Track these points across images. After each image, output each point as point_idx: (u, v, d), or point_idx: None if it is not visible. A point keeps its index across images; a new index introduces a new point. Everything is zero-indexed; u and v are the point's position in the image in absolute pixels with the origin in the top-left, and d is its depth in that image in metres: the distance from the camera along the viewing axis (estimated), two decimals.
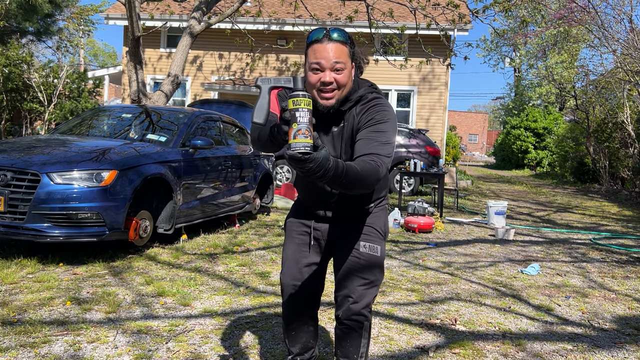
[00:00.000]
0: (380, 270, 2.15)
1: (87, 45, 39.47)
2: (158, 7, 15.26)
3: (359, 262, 2.10)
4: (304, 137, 1.53)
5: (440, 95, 15.46)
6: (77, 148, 4.80)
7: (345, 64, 1.90)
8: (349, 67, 1.93)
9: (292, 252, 2.21)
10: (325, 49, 1.88)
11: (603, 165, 16.11)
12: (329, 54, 1.87)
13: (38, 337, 2.87)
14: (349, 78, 1.93)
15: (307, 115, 1.56)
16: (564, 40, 18.81)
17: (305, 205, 2.24)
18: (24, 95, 13.75)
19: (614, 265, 5.57)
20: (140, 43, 8.42)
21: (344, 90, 1.93)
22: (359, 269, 2.10)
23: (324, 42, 1.88)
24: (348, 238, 2.14)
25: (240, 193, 6.55)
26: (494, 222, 7.59)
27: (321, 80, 1.88)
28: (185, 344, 2.91)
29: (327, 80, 1.87)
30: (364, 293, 2.09)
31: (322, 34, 1.90)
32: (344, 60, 1.90)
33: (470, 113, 60.17)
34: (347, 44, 1.91)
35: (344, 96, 1.95)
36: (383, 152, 1.86)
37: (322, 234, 2.20)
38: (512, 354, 3.03)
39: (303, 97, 1.56)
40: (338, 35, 1.90)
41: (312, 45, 1.90)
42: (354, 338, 2.12)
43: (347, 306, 2.09)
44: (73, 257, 4.59)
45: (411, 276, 4.65)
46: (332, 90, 1.90)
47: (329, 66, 1.88)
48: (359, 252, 2.11)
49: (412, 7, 9.83)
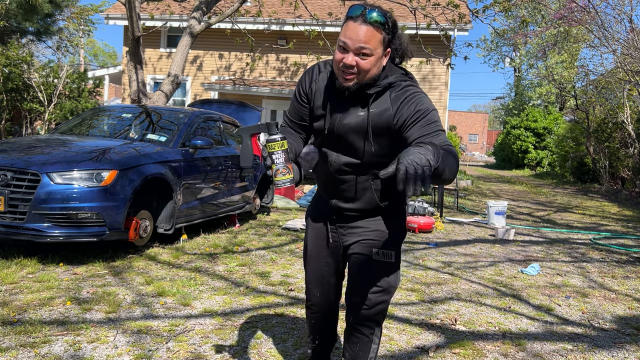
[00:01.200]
0: (395, 276, 2.06)
1: (87, 45, 39.47)
2: (158, 7, 15.26)
3: (373, 268, 2.03)
4: (282, 176, 1.80)
5: (441, 95, 15.46)
6: (77, 148, 4.80)
7: (373, 50, 1.78)
8: (378, 54, 1.80)
9: (314, 249, 2.20)
10: (355, 29, 1.76)
11: (603, 165, 16.11)
12: (358, 37, 1.75)
13: (38, 337, 2.87)
14: (374, 65, 1.81)
15: (283, 155, 1.78)
16: (564, 40, 18.81)
17: (323, 202, 2.17)
18: (24, 95, 13.76)
19: (614, 265, 5.57)
20: (140, 43, 8.42)
21: (366, 76, 1.82)
22: (372, 275, 2.03)
23: (357, 21, 1.76)
24: (362, 242, 2.05)
25: (240, 193, 6.55)
26: (494, 222, 7.59)
27: (343, 62, 1.80)
28: (185, 343, 2.91)
29: (347, 62, 1.79)
30: (376, 300, 2.03)
31: (359, 11, 1.77)
32: (373, 47, 1.78)
33: (470, 113, 60.18)
34: (382, 29, 1.78)
35: (366, 81, 1.83)
36: (447, 141, 1.74)
37: (338, 235, 2.12)
38: (512, 354, 3.03)
39: (274, 141, 1.77)
40: (374, 16, 1.76)
41: (347, 21, 1.79)
42: (364, 343, 2.08)
43: (358, 312, 2.05)
44: (73, 257, 4.59)
45: (411, 276, 4.66)
46: (352, 74, 1.81)
47: (354, 49, 1.77)
48: (372, 258, 2.03)
49: (412, 7, 9.83)
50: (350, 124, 1.91)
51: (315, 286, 2.21)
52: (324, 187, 2.13)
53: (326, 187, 2.11)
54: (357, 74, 1.81)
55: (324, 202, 2.15)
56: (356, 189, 2.01)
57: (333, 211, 2.11)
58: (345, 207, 2.07)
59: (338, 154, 2.00)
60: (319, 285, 2.20)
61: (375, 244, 2.03)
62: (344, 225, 2.09)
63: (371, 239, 2.04)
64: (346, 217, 2.09)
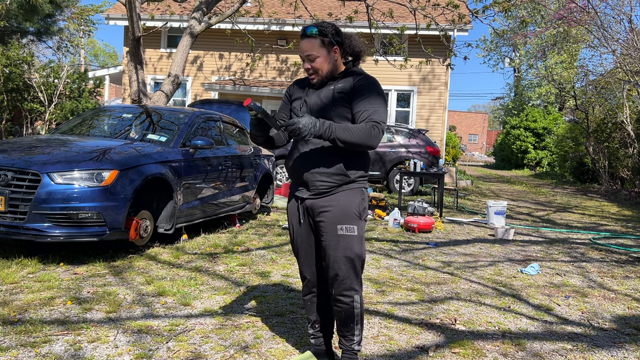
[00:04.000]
0: (359, 246, 2.45)
1: (88, 46, 39.46)
2: (158, 8, 15.26)
3: (339, 243, 2.42)
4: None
5: (440, 95, 15.47)
6: (78, 148, 4.80)
7: (316, 54, 2.43)
8: (324, 55, 2.44)
9: (293, 233, 2.65)
10: (302, 44, 2.46)
11: (602, 165, 16.12)
12: (303, 48, 2.45)
13: (38, 336, 2.88)
14: (324, 62, 2.46)
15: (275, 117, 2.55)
16: (564, 40, 18.82)
17: (294, 187, 2.62)
18: (25, 95, 13.76)
19: (613, 265, 5.58)
20: (140, 43, 8.42)
21: (323, 72, 2.47)
22: (341, 250, 2.42)
23: (302, 39, 2.46)
24: (326, 221, 2.45)
25: (241, 193, 6.56)
26: (493, 222, 7.60)
27: (304, 68, 2.50)
28: (185, 343, 2.92)
29: (305, 67, 2.49)
30: (349, 270, 2.43)
31: (301, 32, 2.47)
32: (315, 52, 2.43)
33: (470, 113, 60.18)
34: (317, 37, 2.42)
35: (325, 75, 2.48)
36: (378, 119, 2.38)
37: (309, 213, 2.54)
38: (511, 354, 3.04)
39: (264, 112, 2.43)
40: (308, 31, 2.43)
41: (300, 40, 2.49)
42: (347, 310, 2.47)
43: (337, 284, 2.45)
44: (73, 256, 4.59)
45: (411, 276, 4.66)
46: (311, 74, 2.49)
47: (304, 57, 2.47)
48: (338, 234, 2.42)
49: (412, 8, 9.84)
50: (321, 96, 2.52)
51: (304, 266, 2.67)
52: (290, 175, 2.60)
53: (290, 175, 2.59)
54: (315, 73, 2.48)
55: (294, 186, 2.61)
56: (323, 155, 2.45)
57: (302, 184, 2.53)
58: (314, 179, 2.46)
59: None
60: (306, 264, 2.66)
61: (338, 220, 2.43)
62: (313, 204, 2.49)
63: (332, 216, 2.43)
64: (314, 192, 2.48)
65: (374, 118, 2.38)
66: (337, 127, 2.33)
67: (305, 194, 2.51)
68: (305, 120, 2.28)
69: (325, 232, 2.45)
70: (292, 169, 2.57)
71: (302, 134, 2.26)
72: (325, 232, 2.45)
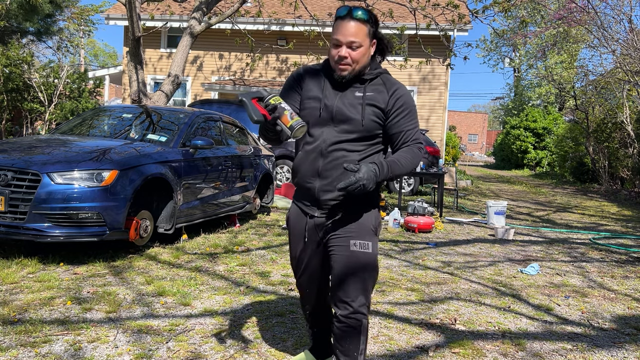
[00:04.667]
0: (373, 267, 2.19)
1: (88, 46, 39.46)
2: (158, 8, 15.26)
3: (352, 261, 2.15)
4: (297, 116, 2.03)
5: (440, 95, 15.47)
6: (78, 148, 4.80)
7: (361, 42, 2.08)
8: (366, 45, 2.10)
9: (295, 249, 2.40)
10: (345, 26, 2.08)
11: (602, 165, 16.12)
12: (348, 32, 2.07)
13: (38, 336, 2.88)
14: (363, 55, 2.11)
15: (287, 104, 2.04)
16: (564, 40, 18.82)
17: (300, 201, 2.32)
18: (25, 95, 13.76)
19: (613, 265, 5.58)
20: (140, 43, 8.42)
21: (358, 65, 2.11)
22: (353, 269, 2.14)
23: (345, 19, 2.08)
24: (340, 236, 2.18)
25: (241, 193, 6.56)
26: (493, 222, 7.60)
27: (338, 55, 2.10)
28: (185, 343, 2.92)
29: (341, 54, 2.09)
30: (360, 292, 2.15)
31: (345, 11, 2.09)
32: (360, 39, 2.08)
33: (470, 113, 60.18)
34: (367, 23, 2.09)
35: (358, 70, 2.13)
36: (420, 137, 2.18)
37: (317, 230, 2.26)
38: (511, 354, 3.04)
39: (275, 96, 2.04)
40: (359, 14, 2.07)
41: (337, 21, 2.10)
42: (354, 336, 2.16)
43: (345, 306, 2.15)
44: (73, 256, 4.59)
45: (411, 276, 4.66)
46: (347, 64, 2.10)
47: (345, 42, 2.08)
48: (351, 250, 2.15)
49: (412, 8, 9.84)
50: (345, 103, 2.17)
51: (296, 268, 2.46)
52: (305, 178, 2.23)
53: (308, 177, 2.22)
54: (350, 65, 2.11)
55: (301, 197, 2.31)
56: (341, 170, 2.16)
57: (314, 203, 2.24)
58: (327, 198, 2.19)
59: (330, 131, 2.18)
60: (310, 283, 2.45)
61: (352, 235, 2.17)
62: (324, 222, 2.24)
63: (347, 231, 2.18)
64: (327, 210, 2.23)
65: (417, 138, 2.15)
66: (393, 166, 2.07)
67: (315, 212, 2.23)
68: (367, 175, 1.97)
69: (336, 248, 2.18)
70: (303, 182, 2.23)
71: (367, 189, 1.98)
72: (337, 248, 2.18)
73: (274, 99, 2.02)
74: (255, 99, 2.06)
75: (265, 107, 2.02)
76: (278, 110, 1.99)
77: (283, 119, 1.99)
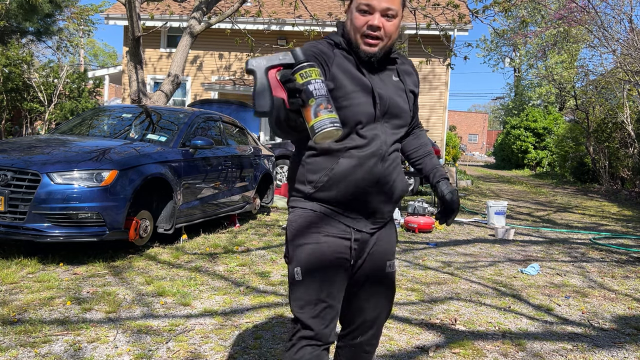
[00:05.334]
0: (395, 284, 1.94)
1: (87, 45, 39.45)
2: (158, 7, 15.26)
3: (386, 284, 1.85)
4: (328, 112, 1.32)
5: (440, 95, 15.46)
6: (78, 148, 4.80)
7: (397, 11, 1.65)
8: (400, 18, 1.67)
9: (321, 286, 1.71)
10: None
11: (603, 165, 16.11)
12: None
13: (38, 336, 2.88)
14: (397, 29, 1.68)
15: (323, 86, 1.34)
16: (564, 40, 18.81)
17: (339, 202, 1.71)
18: (24, 95, 13.76)
19: (613, 265, 5.57)
20: (140, 43, 8.42)
21: (390, 42, 1.67)
22: (387, 291, 1.85)
23: None
24: (376, 256, 1.80)
25: (241, 193, 6.55)
26: (493, 222, 7.59)
27: (369, 24, 1.62)
28: (185, 343, 2.91)
29: (375, 24, 1.61)
30: (388, 314, 1.90)
31: None
32: (397, 7, 1.64)
33: (470, 113, 60.17)
34: None
35: (388, 47, 1.69)
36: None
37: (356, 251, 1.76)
38: (512, 354, 3.03)
39: (310, 67, 1.34)
40: None
41: None
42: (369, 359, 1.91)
43: (371, 332, 1.86)
44: (73, 257, 4.59)
45: (411, 276, 4.66)
46: (377, 37, 1.63)
47: (380, 9, 1.62)
48: (386, 272, 1.83)
49: (412, 7, 9.83)
50: (389, 87, 1.73)
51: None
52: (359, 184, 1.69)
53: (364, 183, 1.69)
54: (382, 39, 1.64)
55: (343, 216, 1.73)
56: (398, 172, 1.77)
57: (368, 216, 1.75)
58: (388, 208, 1.78)
59: (384, 128, 1.72)
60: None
61: (387, 255, 1.83)
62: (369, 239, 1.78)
63: (384, 249, 1.82)
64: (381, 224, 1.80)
65: (420, 122, 1.99)
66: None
67: (367, 226, 1.75)
68: (455, 197, 1.84)
69: (372, 272, 1.80)
70: (357, 193, 1.69)
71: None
72: (373, 272, 1.80)
73: (303, 74, 1.34)
74: (274, 69, 1.38)
75: (284, 84, 1.35)
76: (306, 93, 1.34)
77: (307, 110, 1.34)
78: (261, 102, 1.33)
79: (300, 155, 1.74)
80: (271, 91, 1.33)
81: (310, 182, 1.70)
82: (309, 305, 1.68)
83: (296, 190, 1.76)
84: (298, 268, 1.69)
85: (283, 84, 1.35)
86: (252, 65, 1.36)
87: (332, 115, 1.32)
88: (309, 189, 1.71)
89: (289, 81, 1.36)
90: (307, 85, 1.32)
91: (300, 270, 1.69)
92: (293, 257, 1.72)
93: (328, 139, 1.35)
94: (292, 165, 1.79)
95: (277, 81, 1.35)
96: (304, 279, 1.69)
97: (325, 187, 1.69)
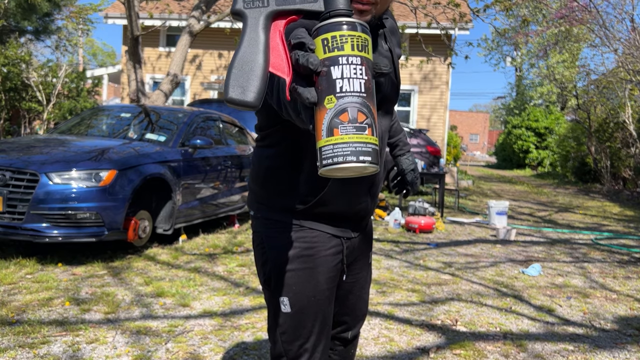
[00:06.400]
0: None
1: (86, 45, 39.43)
2: (157, 6, 15.24)
3: (370, 274, 1.72)
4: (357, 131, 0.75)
5: (441, 95, 15.44)
6: (76, 148, 4.78)
7: None
8: None
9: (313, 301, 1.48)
10: None
11: (604, 165, 16.09)
12: None
13: (37, 337, 2.86)
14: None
15: (364, 74, 0.78)
16: (565, 39, 18.78)
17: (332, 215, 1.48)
18: (23, 95, 13.73)
19: (615, 265, 5.55)
20: (139, 42, 8.39)
21: (382, 8, 1.33)
22: (368, 283, 1.72)
23: None
24: (364, 252, 1.66)
25: (240, 193, 6.53)
26: (495, 223, 7.57)
27: None
28: (184, 344, 2.89)
29: None
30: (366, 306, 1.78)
31: None
32: None
33: (471, 112, 60.15)
34: None
35: (379, 15, 1.35)
36: None
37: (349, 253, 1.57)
38: (513, 355, 3.01)
39: (351, 29, 0.78)
40: None
41: None
42: (355, 348, 1.81)
43: (360, 323, 1.76)
44: (72, 257, 4.57)
45: (412, 276, 4.64)
46: (369, 2, 1.27)
47: None
48: (369, 263, 1.69)
49: (413, 7, 9.81)
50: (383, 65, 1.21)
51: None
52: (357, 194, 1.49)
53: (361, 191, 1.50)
54: (374, 4, 1.29)
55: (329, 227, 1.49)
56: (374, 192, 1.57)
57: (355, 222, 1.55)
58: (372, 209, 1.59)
59: (381, 124, 1.49)
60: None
61: (369, 250, 1.70)
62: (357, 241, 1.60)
63: (369, 246, 1.68)
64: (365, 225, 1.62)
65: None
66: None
67: (355, 231, 1.55)
68: (415, 165, 1.74)
69: (359, 267, 1.63)
70: (353, 204, 1.48)
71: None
72: (360, 269, 1.64)
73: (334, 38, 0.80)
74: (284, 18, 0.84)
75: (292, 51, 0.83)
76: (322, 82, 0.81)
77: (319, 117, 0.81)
78: (242, 82, 0.74)
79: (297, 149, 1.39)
80: (267, 62, 0.76)
81: (302, 194, 1.42)
82: (297, 341, 1.46)
83: (275, 198, 1.46)
84: (286, 299, 1.44)
85: (291, 50, 0.79)
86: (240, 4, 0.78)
87: (364, 138, 0.76)
88: (297, 202, 1.42)
89: (300, 47, 0.82)
90: (331, 65, 0.75)
91: (288, 302, 1.44)
92: (278, 284, 1.44)
93: (345, 174, 0.82)
94: (270, 159, 1.44)
95: (282, 43, 0.80)
96: (294, 313, 1.44)
97: (320, 202, 1.43)
